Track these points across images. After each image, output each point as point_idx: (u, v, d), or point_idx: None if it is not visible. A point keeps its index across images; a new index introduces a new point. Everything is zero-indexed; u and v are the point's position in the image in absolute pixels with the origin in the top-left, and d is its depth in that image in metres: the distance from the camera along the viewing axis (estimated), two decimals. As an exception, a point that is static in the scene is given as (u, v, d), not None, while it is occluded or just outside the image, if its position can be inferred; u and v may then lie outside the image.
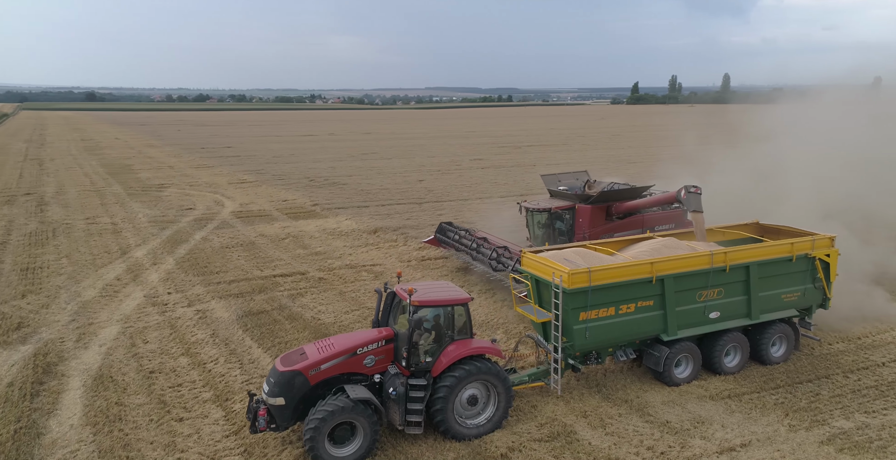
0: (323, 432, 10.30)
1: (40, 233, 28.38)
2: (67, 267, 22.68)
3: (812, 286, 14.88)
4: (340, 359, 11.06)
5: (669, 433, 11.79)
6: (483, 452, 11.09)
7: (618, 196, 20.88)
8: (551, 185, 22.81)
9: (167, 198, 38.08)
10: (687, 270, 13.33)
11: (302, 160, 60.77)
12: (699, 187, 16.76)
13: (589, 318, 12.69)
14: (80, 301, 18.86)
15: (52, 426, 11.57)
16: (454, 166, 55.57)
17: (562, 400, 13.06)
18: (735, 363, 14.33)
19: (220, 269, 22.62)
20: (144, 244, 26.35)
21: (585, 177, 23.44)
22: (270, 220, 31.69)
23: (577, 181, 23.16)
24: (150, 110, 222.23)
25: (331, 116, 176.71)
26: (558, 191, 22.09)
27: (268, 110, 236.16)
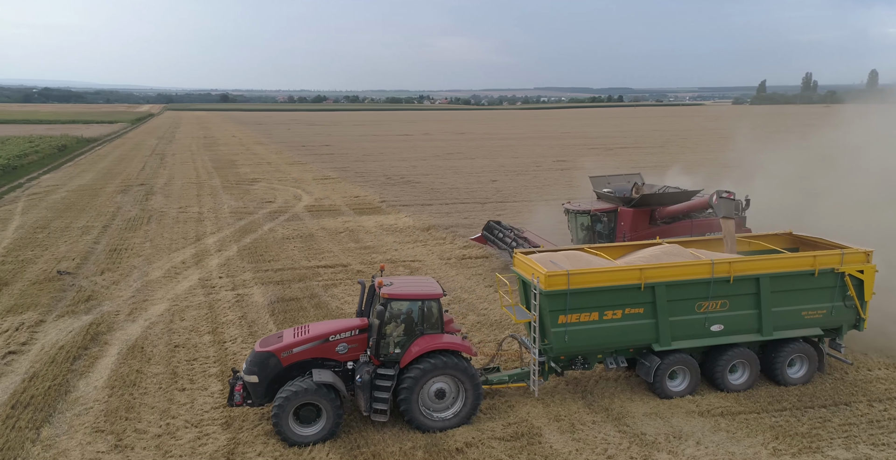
0: (287, 410, 11.12)
1: (138, 219, 32.07)
2: (148, 249, 25.57)
3: (842, 304, 13.62)
4: (313, 344, 11.85)
5: (638, 445, 11.42)
6: (440, 444, 11.40)
7: (659, 200, 20.11)
8: (599, 187, 22.39)
9: (254, 192, 41.34)
10: (681, 279, 12.75)
11: (388, 159, 63.09)
12: (732, 193, 16.01)
13: (569, 322, 12.53)
14: (145, 280, 21.29)
15: (80, 386, 13.39)
16: (534, 167, 55.16)
17: (541, 402, 13.01)
18: (742, 380, 13.46)
19: (273, 258, 24.43)
20: (218, 232, 28.97)
21: (636, 180, 22.71)
22: (336, 215, 33.50)
23: (628, 184, 22.53)
24: (271, 110, 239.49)
25: (433, 116, 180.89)
26: (603, 193, 21.66)
27: (377, 111, 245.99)
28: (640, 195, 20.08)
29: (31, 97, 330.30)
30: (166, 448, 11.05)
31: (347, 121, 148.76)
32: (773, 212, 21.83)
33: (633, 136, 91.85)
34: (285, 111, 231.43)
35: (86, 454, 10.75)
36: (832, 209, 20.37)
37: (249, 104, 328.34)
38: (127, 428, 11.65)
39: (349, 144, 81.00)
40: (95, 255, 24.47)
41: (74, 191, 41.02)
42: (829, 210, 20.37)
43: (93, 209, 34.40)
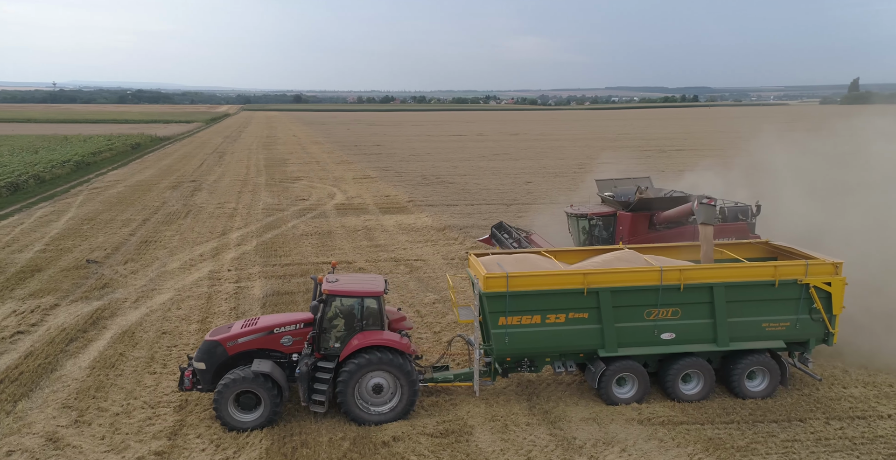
0: (226, 397, 11.80)
1: (177, 213, 34.21)
2: (174, 242, 27.31)
3: (808, 317, 12.95)
4: (257, 336, 12.50)
5: (563, 448, 11.38)
6: (369, 437, 11.77)
7: (657, 205, 19.61)
8: (605, 191, 22.03)
9: (292, 189, 43.04)
10: (627, 285, 12.51)
11: (433, 159, 63.80)
12: (713, 199, 15.53)
13: (509, 324, 12.57)
14: (162, 271, 22.82)
15: (67, 365, 14.67)
16: (577, 169, 54.23)
17: (484, 402, 13.12)
18: (696, 391, 13.09)
19: (286, 254, 25.51)
20: (245, 228, 30.49)
21: (645, 184, 22.19)
22: (361, 213, 34.41)
23: (635, 188, 22.02)
24: (339, 111, 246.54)
25: (496, 117, 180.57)
26: (605, 196, 21.34)
27: (441, 111, 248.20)
28: (637, 199, 19.61)
29: (125, 98, 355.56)
30: (118, 425, 11.99)
31: (408, 122, 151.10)
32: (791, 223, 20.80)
33: (695, 138, 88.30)
34: (352, 111, 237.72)
35: (47, 427, 11.84)
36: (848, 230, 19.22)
37: (320, 104, 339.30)
38: (91, 405, 12.72)
39: (400, 144, 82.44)
40: (126, 246, 26.41)
41: (131, 186, 44.17)
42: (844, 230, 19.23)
43: (141, 203, 36.98)
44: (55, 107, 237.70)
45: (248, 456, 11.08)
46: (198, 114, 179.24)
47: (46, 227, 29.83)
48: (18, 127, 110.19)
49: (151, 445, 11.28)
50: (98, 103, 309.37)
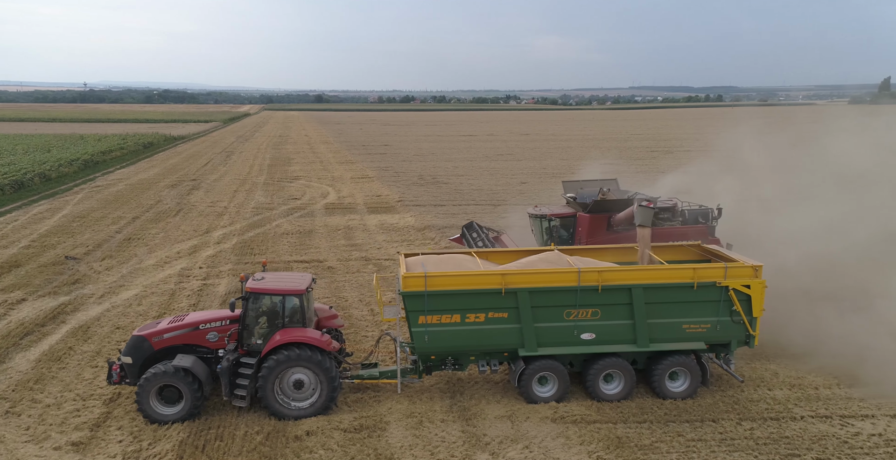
0: (147, 390, 12.16)
1: (168, 211, 34.97)
2: (157, 240, 27.95)
3: (729, 319, 12.97)
4: (182, 332, 12.85)
5: (469, 444, 11.59)
6: (284, 431, 12.04)
7: (615, 207, 19.58)
8: (570, 192, 22.05)
9: (288, 189, 43.61)
10: (545, 286, 12.57)
11: (435, 159, 63.97)
12: (652, 201, 15.65)
13: (429, 323, 12.72)
14: (136, 267, 23.41)
15: (16, 359, 15.21)
16: (577, 170, 53.91)
17: (407, 398, 13.31)
18: (617, 391, 13.18)
19: (261, 252, 25.95)
20: (229, 226, 31.05)
21: (611, 186, 22.19)
22: (348, 213, 34.76)
23: (608, 189, 22.05)
24: (357, 110, 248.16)
25: (512, 117, 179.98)
26: (567, 198, 21.39)
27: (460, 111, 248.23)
28: (593, 201, 19.65)
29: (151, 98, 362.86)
30: (45, 417, 12.45)
31: (423, 122, 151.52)
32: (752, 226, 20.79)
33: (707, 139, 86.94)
34: (371, 111, 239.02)
35: (32, 425, 12.22)
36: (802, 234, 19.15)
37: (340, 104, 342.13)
38: (25, 397, 13.20)
39: (408, 144, 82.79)
40: (109, 243, 27.12)
41: (132, 184, 45.22)
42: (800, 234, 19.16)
43: (136, 202, 37.86)
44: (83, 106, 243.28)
45: (162, 447, 11.41)
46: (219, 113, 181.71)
47: (38, 224, 30.78)
48: (42, 126, 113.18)
49: (72, 436, 11.70)
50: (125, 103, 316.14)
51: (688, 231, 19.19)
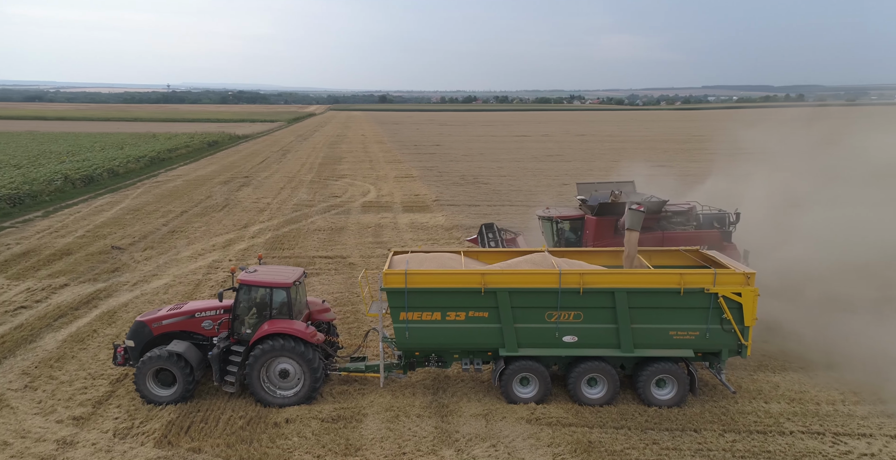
0: (144, 372, 13.01)
1: (215, 206, 36.81)
2: (197, 233, 29.53)
3: (719, 327, 12.57)
4: (180, 319, 13.67)
5: (438, 440, 11.82)
6: (264, 418, 12.63)
7: (620, 210, 19.12)
8: (584, 194, 21.78)
9: (331, 187, 44.90)
10: (525, 286, 12.57)
11: (482, 159, 64.04)
12: (642, 205, 15.21)
13: (410, 319, 12.97)
14: (172, 259, 24.87)
15: (46, 338, 16.57)
16: (624, 172, 52.68)
17: (390, 392, 13.65)
18: (600, 395, 13.04)
19: (290, 247, 26.96)
20: (267, 222, 32.37)
21: (627, 188, 21.73)
22: (382, 211, 35.48)
23: (620, 192, 21.65)
24: (419, 110, 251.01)
25: (573, 117, 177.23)
26: (578, 200, 21.14)
27: (520, 111, 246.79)
28: (599, 204, 19.29)
29: (227, 99, 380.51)
30: (57, 392, 13.55)
31: (480, 122, 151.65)
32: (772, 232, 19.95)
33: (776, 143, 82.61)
34: (431, 111, 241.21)
35: (13, 380, 13.75)
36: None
37: (403, 104, 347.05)
38: (44, 373, 14.41)
39: (459, 144, 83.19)
40: (154, 235, 28.90)
41: (189, 180, 47.81)
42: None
43: (188, 197, 40.06)
44: (164, 107, 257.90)
45: (151, 426, 12.21)
46: (286, 113, 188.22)
47: (96, 216, 33.16)
48: (125, 125, 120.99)
49: (75, 411, 12.70)
50: (202, 103, 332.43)
51: (700, 236, 18.58)
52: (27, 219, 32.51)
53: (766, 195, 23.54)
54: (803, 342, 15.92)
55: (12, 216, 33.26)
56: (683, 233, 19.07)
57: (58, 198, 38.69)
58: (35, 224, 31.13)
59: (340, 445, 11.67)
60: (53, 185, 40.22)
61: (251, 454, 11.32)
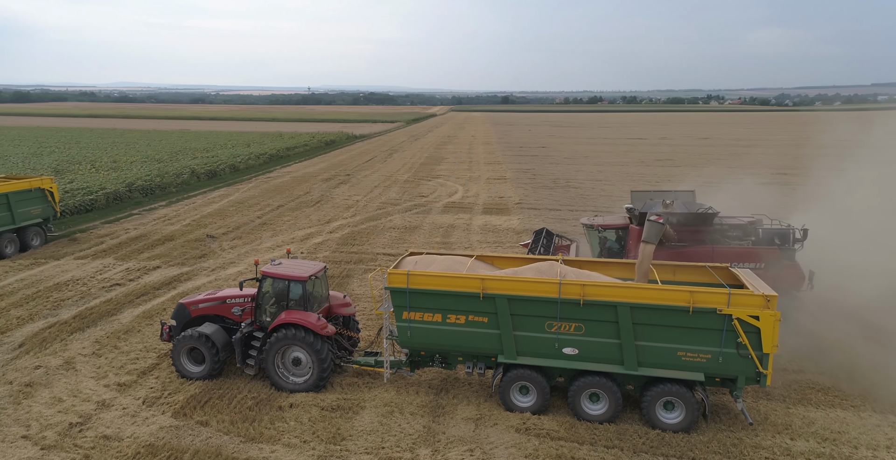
0: (178, 350, 14.54)
1: (309, 202, 39.45)
2: (284, 226, 31.92)
3: (734, 352, 11.70)
4: (212, 304, 15.10)
5: (421, 439, 12.16)
6: (271, 401, 13.62)
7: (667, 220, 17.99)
8: (638, 203, 20.80)
9: (422, 187, 46.21)
10: (524, 294, 12.48)
11: (584, 163, 62.33)
12: (661, 216, 14.31)
13: (412, 319, 13.31)
14: (253, 249, 27.17)
15: (125, 313, 18.93)
16: (731, 180, 48.75)
17: (395, 388, 14.16)
18: (601, 412, 12.65)
19: (360, 243, 28.33)
20: (350, 218, 34.18)
21: (688, 198, 20.42)
22: (461, 212, 35.99)
23: (676, 201, 20.43)
24: (538, 111, 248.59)
25: (704, 118, 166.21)
26: (626, 208, 20.20)
27: (647, 112, 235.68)
28: (640, 213, 18.27)
29: (358, 100, 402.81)
30: (114, 360, 15.53)
31: (597, 123, 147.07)
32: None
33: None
34: (551, 112, 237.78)
35: (73, 353, 15.83)
36: None
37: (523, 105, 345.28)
38: (111, 344, 16.56)
39: (566, 147, 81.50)
40: (246, 226, 31.69)
41: (297, 177, 51.54)
42: None
43: (289, 192, 43.27)
44: (302, 108, 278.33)
45: (176, 398, 13.66)
46: (408, 114, 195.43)
47: (206, 207, 37.00)
48: (261, 124, 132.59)
49: (122, 378, 14.53)
50: (336, 104, 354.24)
51: (755, 252, 17.03)
52: (152, 207, 37.08)
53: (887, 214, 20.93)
54: (864, 378, 14.09)
55: (142, 204, 38.11)
56: (735, 249, 17.61)
57: (182, 190, 43.63)
58: (155, 212, 35.44)
59: (329, 433, 12.31)
60: (181, 179, 45.40)
61: (248, 432, 12.31)
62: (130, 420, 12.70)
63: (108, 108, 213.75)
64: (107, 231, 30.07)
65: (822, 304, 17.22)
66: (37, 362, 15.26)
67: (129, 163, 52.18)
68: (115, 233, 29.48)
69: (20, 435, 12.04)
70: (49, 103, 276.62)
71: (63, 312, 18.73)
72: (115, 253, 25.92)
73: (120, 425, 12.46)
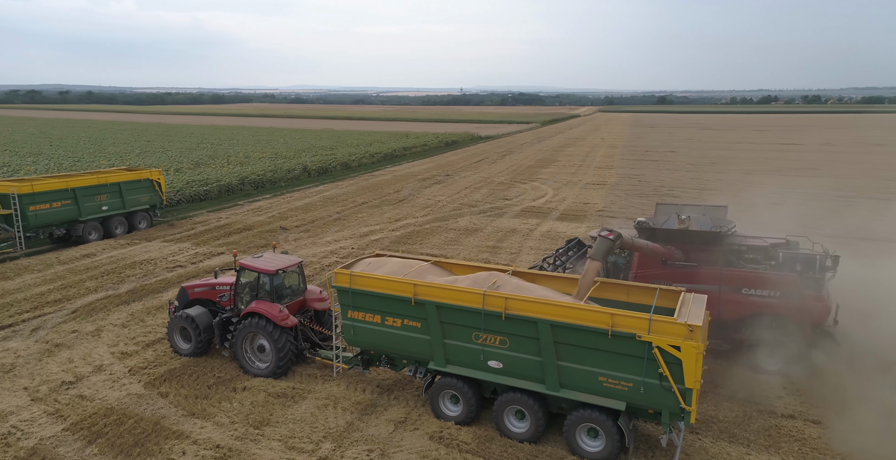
0: (172, 328, 16.32)
1: (393, 200, 41.02)
2: (355, 221, 33.66)
3: (657, 383, 10.74)
4: (205, 289, 16.69)
5: (332, 433, 12.60)
6: (232, 381, 14.83)
7: (671, 237, 16.40)
8: (660, 216, 19.11)
9: (511, 190, 45.78)
10: (451, 303, 12.42)
11: (707, 170, 57.32)
12: (613, 232, 13.23)
13: (355, 318, 13.74)
14: (314, 241, 29.11)
15: (169, 292, 21.43)
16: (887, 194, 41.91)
17: (346, 383, 14.77)
18: (522, 430, 12.27)
19: (414, 242, 29.05)
20: (420, 217, 35.06)
21: (719, 214, 18.39)
22: (533, 217, 35.23)
23: (703, 216, 18.53)
24: (693, 112, 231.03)
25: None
26: (638, 221, 18.72)
27: (830, 113, 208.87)
28: (643, 228, 16.70)
29: (506, 101, 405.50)
30: (133, 330, 17.81)
31: (751, 126, 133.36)
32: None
33: None
34: (705, 113, 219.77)
35: (105, 322, 18.40)
36: None
37: (680, 106, 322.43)
38: (140, 317, 18.92)
39: (697, 152, 75.32)
40: (321, 220, 33.94)
41: (398, 176, 53.72)
42: None
43: (381, 191, 45.29)
44: (449, 108, 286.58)
45: (157, 370, 15.34)
46: (549, 115, 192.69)
47: (299, 201, 40.17)
48: (401, 125, 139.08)
49: (128, 348, 16.62)
50: (483, 105, 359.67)
51: (769, 278, 14.91)
52: (255, 200, 41.13)
53: None
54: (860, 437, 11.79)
55: (249, 196, 42.42)
56: (745, 273, 15.59)
57: (290, 185, 47.72)
58: (254, 204, 39.28)
59: (260, 418, 13.14)
60: (292, 174, 49.68)
61: (194, 408, 13.55)
62: (111, 385, 14.59)
63: (276, 109, 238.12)
64: (203, 219, 34.08)
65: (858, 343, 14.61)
66: (75, 327, 18.04)
67: (257, 158, 58.15)
68: (207, 222, 33.31)
69: (23, 386, 14.45)
70: (237, 104, 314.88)
71: (122, 287, 21.81)
72: (196, 239, 29.34)
73: (100, 388, 14.39)
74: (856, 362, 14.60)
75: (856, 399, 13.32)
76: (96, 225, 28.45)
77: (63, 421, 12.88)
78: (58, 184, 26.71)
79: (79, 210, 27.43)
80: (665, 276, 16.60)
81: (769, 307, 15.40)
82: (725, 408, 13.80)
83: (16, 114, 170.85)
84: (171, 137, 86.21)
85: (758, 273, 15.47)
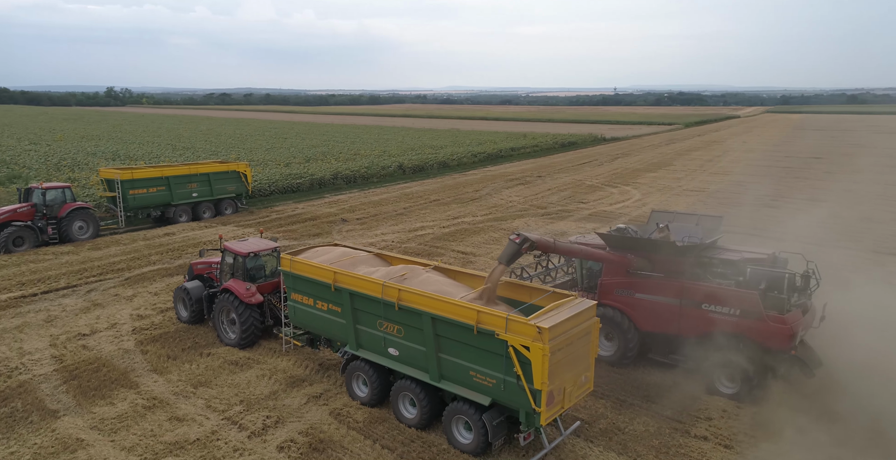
0: (175, 298, 18.89)
1: (465, 199, 41.74)
2: (414, 217, 35.01)
3: (514, 382, 11.05)
4: (204, 267, 19.09)
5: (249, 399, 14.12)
6: (203, 348, 16.97)
7: (635, 246, 15.58)
8: (652, 223, 18.11)
9: (595, 193, 44.27)
10: (359, 291, 13.37)
11: (836, 180, 50.30)
12: (520, 236, 13.16)
13: (295, 300, 15.14)
14: (363, 233, 31.00)
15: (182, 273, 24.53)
16: None
17: (293, 358, 16.29)
18: (412, 417, 12.98)
19: (454, 239, 29.76)
20: (481, 216, 35.54)
21: (712, 224, 17.12)
22: (596, 221, 34.12)
23: (697, 226, 17.39)
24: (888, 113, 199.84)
25: None
26: (617, 228, 18.02)
27: None
28: (608, 235, 15.98)
29: (661, 101, 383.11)
30: (158, 299, 20.78)
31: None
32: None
33: None
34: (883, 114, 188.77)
35: (143, 290, 21.65)
36: None
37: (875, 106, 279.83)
38: (170, 288, 21.91)
39: (847, 160, 66.12)
40: (382, 215, 35.79)
41: (487, 175, 54.13)
42: None
43: (462, 189, 46.13)
44: (598, 108, 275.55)
45: (153, 332, 17.92)
46: (702, 115, 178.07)
47: (375, 196, 42.54)
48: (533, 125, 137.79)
49: (146, 312, 19.53)
50: (636, 105, 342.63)
51: (725, 294, 13.98)
52: (340, 194, 44.31)
53: None
54: None
55: (339, 190, 45.77)
56: (704, 287, 14.41)
57: (382, 181, 50.52)
58: (336, 197, 42.36)
59: (203, 379, 15.00)
60: (386, 171, 52.53)
61: (159, 366, 15.78)
62: (112, 341, 17.42)
63: (420, 109, 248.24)
64: (282, 208, 37.72)
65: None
66: (119, 292, 21.52)
67: (364, 156, 62.08)
68: (283, 211, 36.82)
69: (51, 333, 17.78)
70: (390, 105, 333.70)
71: (177, 262, 25.32)
72: (263, 225, 32.69)
73: (102, 342, 17.26)
74: (819, 395, 12.88)
75: (793, 430, 11.87)
76: (186, 208, 33.03)
77: (59, 363, 15.79)
78: (154, 172, 31.54)
79: (171, 195, 32.11)
80: (628, 285, 15.87)
81: (728, 325, 14.11)
82: (641, 422, 13.07)
83: (201, 113, 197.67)
84: (306, 135, 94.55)
85: (717, 288, 14.30)
